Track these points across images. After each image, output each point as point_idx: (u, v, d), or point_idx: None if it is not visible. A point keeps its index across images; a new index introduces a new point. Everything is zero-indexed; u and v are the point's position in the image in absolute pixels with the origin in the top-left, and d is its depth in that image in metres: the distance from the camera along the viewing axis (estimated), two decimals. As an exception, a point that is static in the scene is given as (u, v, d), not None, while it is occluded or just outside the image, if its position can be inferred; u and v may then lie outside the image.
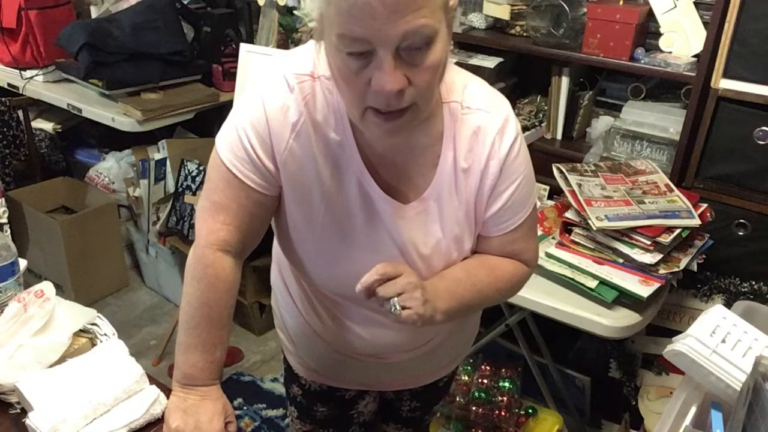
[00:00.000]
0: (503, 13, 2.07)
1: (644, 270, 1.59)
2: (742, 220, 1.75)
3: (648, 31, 1.87)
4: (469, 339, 1.39)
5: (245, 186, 1.01)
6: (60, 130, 3.31)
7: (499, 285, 1.10)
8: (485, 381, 2.10)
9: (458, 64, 2.11)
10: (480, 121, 1.01)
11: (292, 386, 1.38)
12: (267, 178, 1.01)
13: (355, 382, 1.32)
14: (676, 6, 1.77)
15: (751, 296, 1.76)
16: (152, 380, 1.19)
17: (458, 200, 1.04)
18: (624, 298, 1.58)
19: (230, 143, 1.00)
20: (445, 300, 1.01)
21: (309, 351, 1.28)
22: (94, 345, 1.27)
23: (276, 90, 0.98)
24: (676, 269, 1.59)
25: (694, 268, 1.67)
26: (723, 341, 1.17)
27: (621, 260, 1.62)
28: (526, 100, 2.24)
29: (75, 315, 1.28)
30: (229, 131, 1.01)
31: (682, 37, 1.78)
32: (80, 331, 1.27)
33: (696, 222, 1.62)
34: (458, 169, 1.02)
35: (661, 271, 1.58)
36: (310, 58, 0.99)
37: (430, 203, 1.03)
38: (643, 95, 2.01)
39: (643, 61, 1.82)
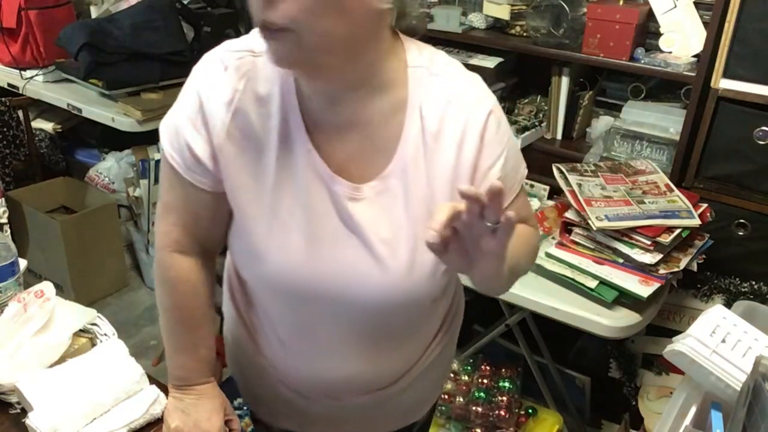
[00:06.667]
0: (503, 13, 2.07)
1: (644, 270, 1.59)
2: (742, 220, 1.75)
3: (648, 31, 1.87)
4: (439, 380, 1.23)
5: (186, 182, 0.95)
6: (60, 130, 3.31)
7: (521, 239, 0.96)
8: (485, 381, 2.10)
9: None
10: (452, 87, 0.91)
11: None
12: (206, 173, 0.93)
13: (310, 425, 1.17)
14: (676, 6, 1.77)
15: (751, 296, 1.75)
16: (152, 380, 1.19)
17: (427, 174, 0.91)
18: (624, 298, 1.58)
19: (169, 136, 0.94)
20: None
21: (262, 390, 1.16)
22: (94, 345, 1.27)
23: (208, 72, 0.91)
24: (676, 269, 1.59)
25: (694, 268, 1.67)
26: (723, 341, 1.17)
27: (621, 260, 1.62)
28: (526, 100, 2.24)
29: (75, 315, 1.28)
30: (168, 123, 0.95)
31: (682, 37, 1.78)
32: (80, 331, 1.27)
33: (696, 222, 1.62)
34: (427, 137, 0.90)
35: (661, 271, 1.58)
36: (254, 36, 0.91)
37: (392, 181, 0.91)
38: (643, 95, 2.01)
39: (643, 61, 1.82)
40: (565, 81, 2.08)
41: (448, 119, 0.90)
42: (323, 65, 0.82)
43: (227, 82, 0.90)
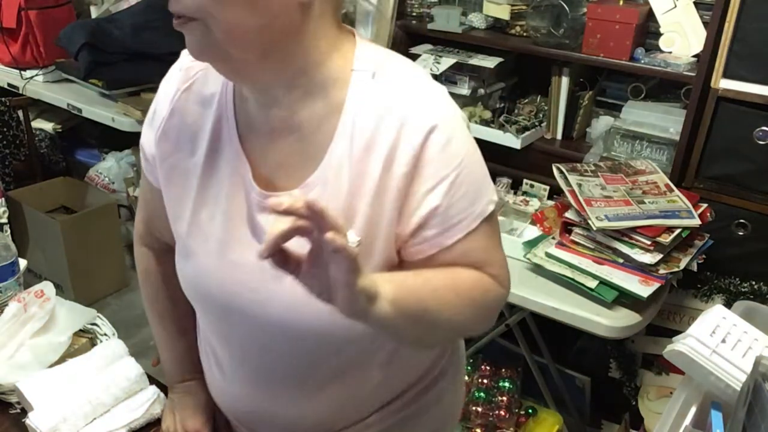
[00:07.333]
0: (503, 13, 2.07)
1: (644, 270, 1.59)
2: (742, 220, 1.75)
3: (648, 31, 1.87)
4: None
5: (146, 178, 0.99)
6: (60, 130, 3.31)
7: (459, 289, 0.83)
8: (485, 381, 2.10)
9: (458, 64, 2.12)
10: (393, 96, 0.81)
11: None
12: (154, 170, 0.95)
13: None
14: (676, 6, 1.77)
15: (751, 296, 1.75)
16: (152, 380, 1.19)
17: (349, 187, 0.81)
18: (624, 298, 1.57)
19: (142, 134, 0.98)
20: (389, 283, 0.74)
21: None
22: (94, 345, 1.27)
23: (168, 75, 0.94)
24: (676, 269, 1.59)
25: (694, 268, 1.67)
26: (723, 341, 1.17)
27: (621, 260, 1.62)
28: (526, 100, 2.24)
29: (75, 315, 1.29)
30: None
31: (682, 37, 1.78)
32: (80, 331, 1.28)
33: (696, 222, 1.62)
34: (355, 147, 0.80)
35: (661, 271, 1.58)
36: None
37: (315, 190, 0.81)
38: (643, 95, 2.01)
39: (643, 61, 1.82)
40: (565, 81, 2.08)
41: (381, 130, 0.80)
42: (237, 60, 0.77)
43: (174, 82, 0.91)
